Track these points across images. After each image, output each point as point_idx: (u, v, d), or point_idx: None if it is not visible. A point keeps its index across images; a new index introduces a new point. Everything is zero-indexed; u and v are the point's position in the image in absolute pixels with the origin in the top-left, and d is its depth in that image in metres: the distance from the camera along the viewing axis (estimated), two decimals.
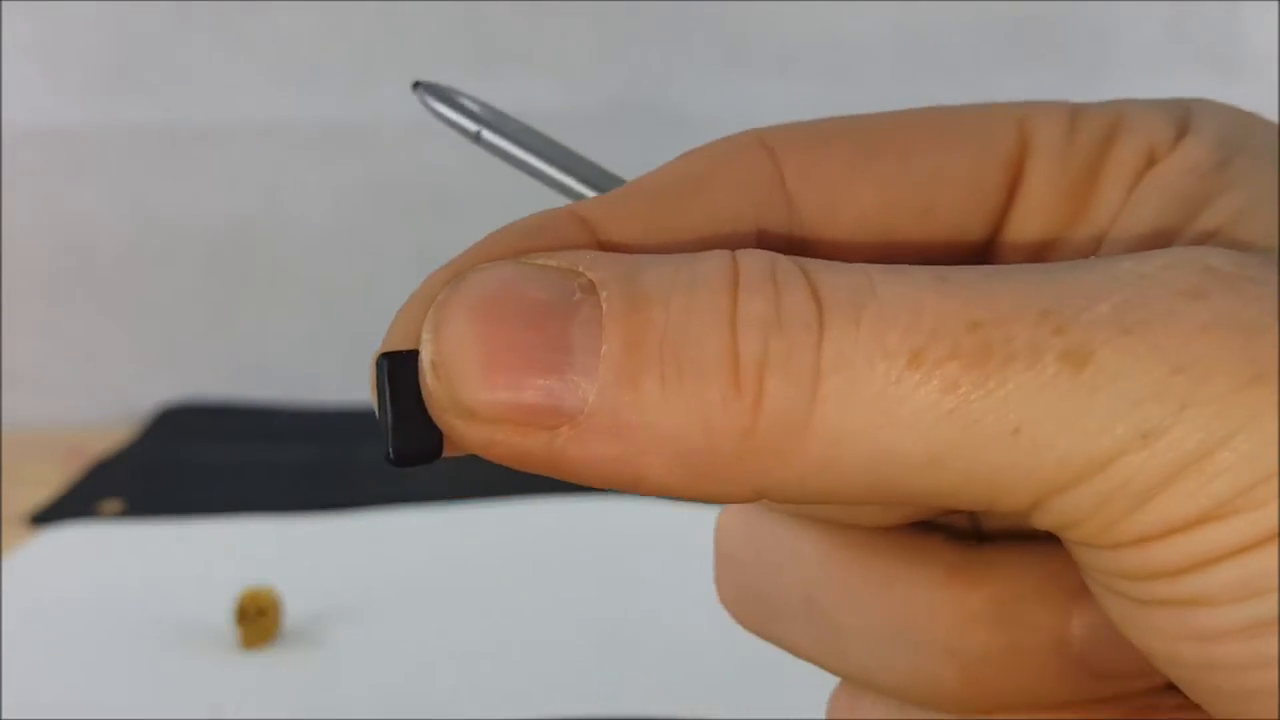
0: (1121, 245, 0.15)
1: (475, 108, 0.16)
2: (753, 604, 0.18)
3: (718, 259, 0.13)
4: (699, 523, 0.54)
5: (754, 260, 0.13)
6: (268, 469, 0.61)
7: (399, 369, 0.13)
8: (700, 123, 0.68)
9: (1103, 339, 0.12)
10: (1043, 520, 0.13)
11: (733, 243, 0.14)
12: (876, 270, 0.13)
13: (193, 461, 0.36)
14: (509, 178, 0.73)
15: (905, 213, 0.15)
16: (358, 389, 0.79)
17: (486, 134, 0.16)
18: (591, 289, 0.13)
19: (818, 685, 0.41)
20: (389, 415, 0.13)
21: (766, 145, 0.15)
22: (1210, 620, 0.13)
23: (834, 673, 0.18)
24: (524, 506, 0.55)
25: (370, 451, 0.64)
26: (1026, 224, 0.16)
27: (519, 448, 0.13)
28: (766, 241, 0.15)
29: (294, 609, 0.45)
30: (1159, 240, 0.15)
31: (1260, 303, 0.12)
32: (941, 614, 0.16)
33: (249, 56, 0.66)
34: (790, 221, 0.15)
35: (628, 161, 0.75)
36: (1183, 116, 0.16)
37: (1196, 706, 0.14)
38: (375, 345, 0.63)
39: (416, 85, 0.17)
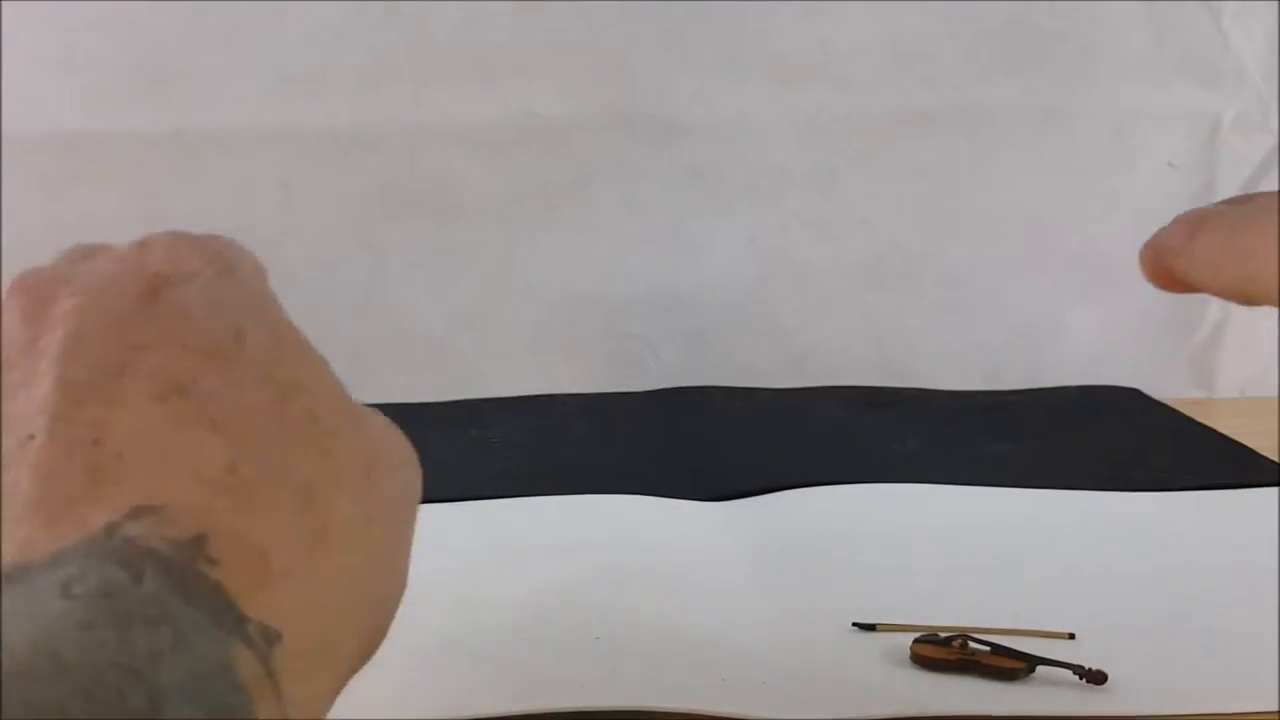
0: None
1: None
2: None
3: None
4: (698, 519, 0.55)
5: None
6: None
7: None
8: (697, 129, 0.69)
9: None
10: None
11: None
12: None
13: None
14: (509, 181, 0.73)
15: None
16: (364, 389, 0.79)
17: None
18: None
19: (816, 683, 0.41)
20: None
21: None
22: None
23: None
24: (526, 504, 0.56)
25: None
26: None
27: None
28: None
29: None
30: None
31: None
32: None
33: (257, 62, 0.67)
34: None
35: (626, 163, 0.76)
36: None
37: None
38: (381, 346, 0.64)
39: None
